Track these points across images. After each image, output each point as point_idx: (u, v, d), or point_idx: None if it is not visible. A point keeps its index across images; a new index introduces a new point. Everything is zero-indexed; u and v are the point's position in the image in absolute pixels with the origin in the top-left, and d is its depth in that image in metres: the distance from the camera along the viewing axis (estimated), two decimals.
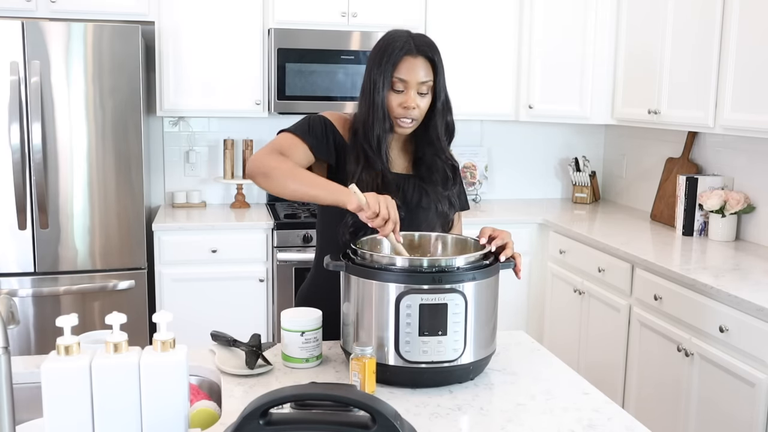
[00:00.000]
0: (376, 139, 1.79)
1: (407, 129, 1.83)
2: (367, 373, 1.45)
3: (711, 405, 2.52)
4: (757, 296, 2.35)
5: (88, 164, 3.30)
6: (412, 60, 1.76)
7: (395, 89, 1.78)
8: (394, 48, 1.76)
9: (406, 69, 1.76)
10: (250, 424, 1.05)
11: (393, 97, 1.78)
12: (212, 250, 3.54)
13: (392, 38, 1.79)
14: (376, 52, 1.80)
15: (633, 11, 3.59)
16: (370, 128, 1.79)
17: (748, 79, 2.79)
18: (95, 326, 3.29)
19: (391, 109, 1.79)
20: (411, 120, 1.81)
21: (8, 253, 3.27)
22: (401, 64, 1.76)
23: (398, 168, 1.89)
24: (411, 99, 1.77)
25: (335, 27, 3.75)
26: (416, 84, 1.77)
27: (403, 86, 1.77)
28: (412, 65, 1.76)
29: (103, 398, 1.19)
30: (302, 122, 1.84)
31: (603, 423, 1.40)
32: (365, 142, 1.80)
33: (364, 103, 1.81)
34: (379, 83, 1.77)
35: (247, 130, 4.09)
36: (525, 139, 4.48)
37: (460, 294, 1.49)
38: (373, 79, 1.78)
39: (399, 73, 1.76)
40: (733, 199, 3.17)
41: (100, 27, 3.25)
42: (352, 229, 1.76)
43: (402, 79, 1.77)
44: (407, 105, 1.78)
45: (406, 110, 1.78)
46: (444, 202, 1.89)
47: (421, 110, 1.81)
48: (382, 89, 1.77)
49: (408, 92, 1.77)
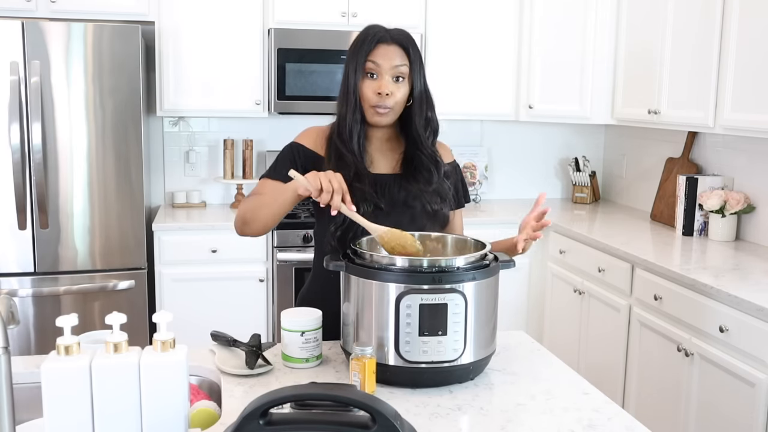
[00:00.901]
0: (348, 131, 1.78)
1: (382, 118, 1.78)
2: (367, 373, 1.45)
3: (711, 405, 2.52)
4: (757, 296, 2.35)
5: (88, 164, 3.30)
6: (385, 47, 1.78)
7: (369, 75, 1.77)
8: (368, 35, 1.79)
9: (380, 54, 1.77)
10: (250, 424, 1.05)
11: (367, 84, 1.77)
12: (212, 250, 3.54)
13: (366, 30, 1.82)
14: (352, 46, 1.82)
15: (633, 11, 3.59)
16: (343, 120, 1.79)
17: (748, 79, 2.79)
18: (95, 326, 3.29)
19: (366, 97, 1.77)
20: (387, 109, 1.77)
21: (8, 253, 3.27)
22: (375, 50, 1.77)
23: (383, 168, 1.85)
24: (384, 84, 1.75)
25: (335, 27, 3.75)
26: (390, 68, 1.76)
27: (377, 70, 1.77)
28: (385, 51, 1.77)
29: (103, 398, 1.19)
30: (274, 161, 1.88)
31: (603, 423, 1.40)
32: (338, 138, 1.79)
33: (340, 96, 1.82)
34: (351, 71, 1.78)
35: (247, 130, 4.09)
36: (525, 139, 4.48)
37: (460, 294, 1.49)
38: (347, 71, 1.79)
39: (372, 57, 1.77)
40: (733, 199, 3.17)
41: (100, 27, 3.26)
42: (339, 233, 1.75)
43: (375, 62, 1.76)
44: (381, 90, 1.75)
45: (380, 97, 1.76)
46: (432, 199, 1.83)
47: (397, 99, 1.78)
48: (355, 75, 1.77)
49: (381, 77, 1.77)
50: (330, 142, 1.82)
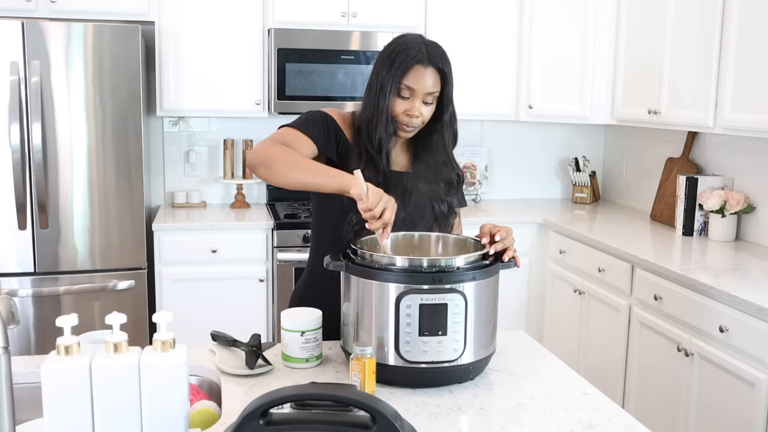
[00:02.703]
0: (378, 141, 1.79)
1: (408, 135, 1.84)
2: (367, 373, 1.45)
3: (711, 405, 2.52)
4: (757, 296, 2.35)
5: (88, 164, 3.30)
6: (422, 69, 1.75)
7: (401, 95, 1.77)
8: (407, 55, 1.75)
9: (415, 77, 1.75)
10: (250, 424, 1.05)
11: (398, 103, 1.78)
12: (212, 250, 3.54)
13: (406, 44, 1.77)
14: (388, 55, 1.78)
15: (633, 11, 3.59)
16: (374, 130, 1.79)
17: (748, 79, 2.79)
18: (95, 326, 3.29)
19: (395, 114, 1.79)
20: (413, 128, 1.82)
21: (8, 253, 3.27)
22: (411, 71, 1.75)
23: (398, 166, 1.89)
24: (416, 108, 1.77)
25: (335, 27, 3.75)
26: (423, 94, 1.77)
27: (410, 94, 1.77)
28: (421, 74, 1.75)
29: (103, 398, 1.19)
30: (303, 117, 1.83)
31: (603, 423, 1.40)
32: (368, 141, 1.80)
33: (370, 103, 1.80)
34: (386, 88, 1.76)
35: (247, 130, 4.09)
36: (525, 139, 4.48)
37: (460, 294, 1.49)
38: (380, 82, 1.77)
39: (407, 80, 1.75)
40: (733, 199, 3.17)
41: (100, 27, 3.26)
42: (357, 227, 1.75)
43: (409, 87, 1.76)
44: (411, 113, 1.78)
45: (410, 118, 1.79)
46: (442, 203, 1.90)
47: (424, 118, 1.81)
48: (389, 94, 1.76)
49: (414, 100, 1.77)
50: (358, 138, 1.82)
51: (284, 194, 4.08)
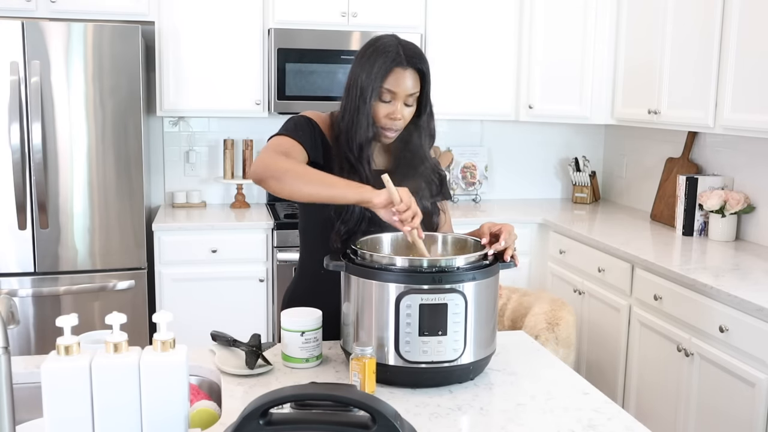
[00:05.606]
0: (358, 147, 1.78)
1: (390, 138, 1.82)
2: (367, 373, 1.45)
3: (711, 405, 2.52)
4: (757, 296, 2.35)
5: (88, 164, 3.30)
6: (401, 71, 1.74)
7: (382, 99, 1.76)
8: (385, 58, 1.74)
9: (396, 80, 1.74)
10: (250, 424, 1.05)
11: (380, 107, 1.76)
12: (212, 250, 3.54)
13: (383, 46, 1.75)
14: (365, 59, 1.76)
15: (633, 11, 3.59)
16: (353, 136, 1.77)
17: (748, 79, 2.79)
18: (95, 326, 3.29)
19: (377, 118, 1.77)
20: (395, 131, 1.80)
21: (8, 253, 3.27)
22: (391, 75, 1.74)
23: (377, 166, 1.87)
24: (398, 111, 1.76)
25: (335, 27, 3.75)
26: (404, 96, 1.76)
27: (391, 97, 1.76)
28: (401, 77, 1.74)
29: (103, 398, 1.19)
30: (290, 124, 1.81)
31: (603, 423, 1.40)
32: (348, 149, 1.78)
33: (349, 108, 1.78)
34: (367, 92, 1.74)
35: (247, 130, 4.09)
36: (525, 139, 4.48)
37: (460, 294, 1.49)
38: (360, 87, 1.75)
39: (388, 84, 1.74)
40: (733, 199, 3.17)
41: (100, 27, 3.26)
42: (345, 237, 1.75)
43: (390, 90, 1.74)
44: (394, 116, 1.76)
45: (392, 121, 1.77)
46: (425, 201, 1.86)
47: (406, 120, 1.80)
48: (370, 99, 1.74)
49: (395, 103, 1.76)
50: (338, 144, 1.81)
51: None
